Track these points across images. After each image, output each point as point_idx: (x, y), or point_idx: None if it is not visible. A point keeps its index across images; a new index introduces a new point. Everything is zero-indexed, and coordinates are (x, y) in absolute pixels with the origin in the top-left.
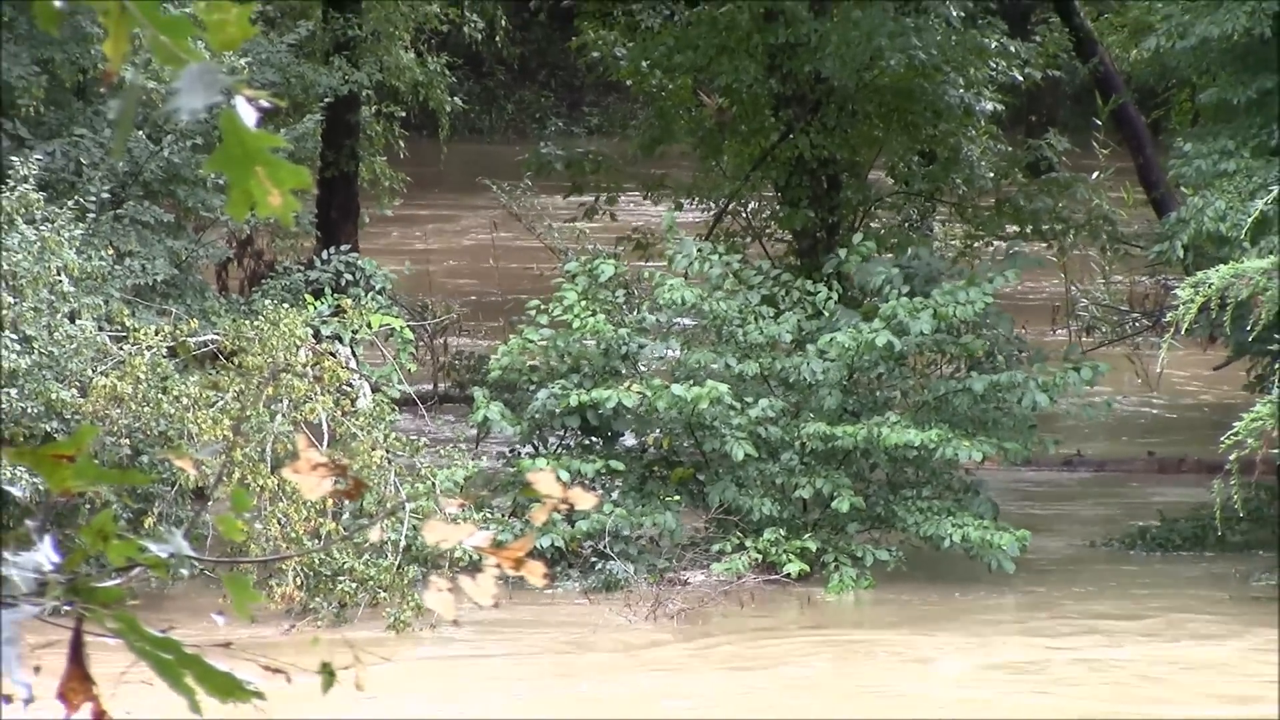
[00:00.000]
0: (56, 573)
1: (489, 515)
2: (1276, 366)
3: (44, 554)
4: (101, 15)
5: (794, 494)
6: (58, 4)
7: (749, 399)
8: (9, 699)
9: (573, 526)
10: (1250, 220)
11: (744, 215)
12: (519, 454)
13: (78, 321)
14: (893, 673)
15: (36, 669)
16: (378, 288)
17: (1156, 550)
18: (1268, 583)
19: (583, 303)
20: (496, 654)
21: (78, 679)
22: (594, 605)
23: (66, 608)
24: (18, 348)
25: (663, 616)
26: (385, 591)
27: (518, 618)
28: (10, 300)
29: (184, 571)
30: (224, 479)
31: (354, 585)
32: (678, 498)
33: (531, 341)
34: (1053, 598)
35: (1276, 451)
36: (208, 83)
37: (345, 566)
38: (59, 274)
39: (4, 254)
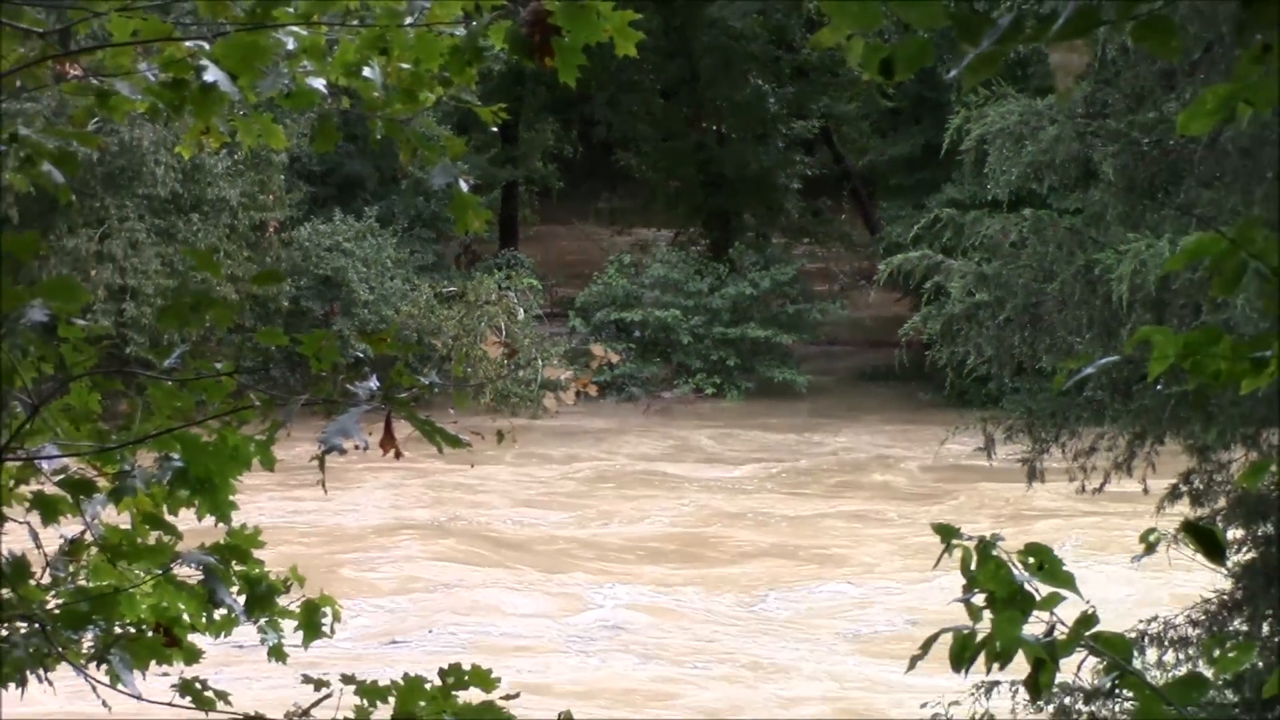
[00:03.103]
0: (379, 390)
1: (574, 366)
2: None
3: (372, 382)
4: (400, 142)
5: (710, 358)
6: (379, 136)
7: (690, 316)
8: (355, 447)
9: (612, 370)
10: (912, 234)
11: (687, 236)
12: (588, 339)
13: (394, 279)
14: (746, 431)
15: (369, 434)
16: (526, 266)
17: (871, 381)
18: (923, 397)
19: (618, 273)
20: (579, 428)
21: (389, 438)
22: (620, 405)
23: (382, 408)
24: (368, 290)
25: (651, 412)
26: (531, 402)
27: (585, 411)
28: (364, 269)
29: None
30: (455, 350)
31: (518, 399)
32: (659, 359)
33: (595, 289)
34: (823, 399)
35: (924, 336)
36: (448, 172)
37: (513, 390)
38: (386, 260)
39: (360, 250)
